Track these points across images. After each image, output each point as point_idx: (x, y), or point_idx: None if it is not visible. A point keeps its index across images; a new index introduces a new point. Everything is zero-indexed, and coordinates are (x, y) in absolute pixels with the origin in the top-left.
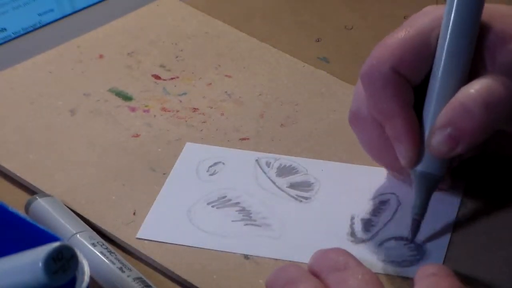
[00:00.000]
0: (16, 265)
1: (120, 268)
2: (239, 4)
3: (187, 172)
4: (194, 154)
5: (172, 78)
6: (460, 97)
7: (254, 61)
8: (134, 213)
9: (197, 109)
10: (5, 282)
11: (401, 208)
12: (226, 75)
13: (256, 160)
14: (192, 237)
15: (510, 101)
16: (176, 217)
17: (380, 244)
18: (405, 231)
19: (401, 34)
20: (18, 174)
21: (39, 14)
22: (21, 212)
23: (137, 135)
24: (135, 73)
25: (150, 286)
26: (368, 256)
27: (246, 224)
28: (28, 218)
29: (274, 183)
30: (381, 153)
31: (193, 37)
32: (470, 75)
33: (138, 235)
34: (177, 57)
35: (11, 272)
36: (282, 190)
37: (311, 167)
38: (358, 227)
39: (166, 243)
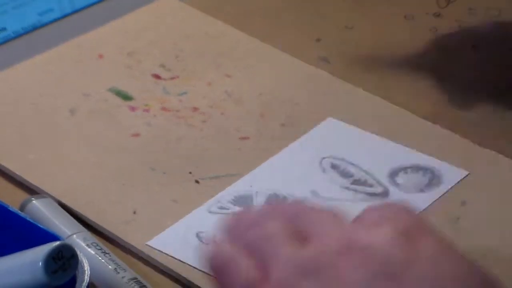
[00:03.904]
0: (16, 265)
1: (115, 269)
2: (239, 4)
3: None
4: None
5: (172, 78)
6: None
7: (254, 61)
8: (134, 213)
9: (197, 108)
10: (5, 282)
11: None
12: (226, 75)
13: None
14: None
15: None
16: None
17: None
18: None
19: None
20: (18, 174)
21: (39, 14)
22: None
23: (137, 135)
24: (135, 73)
25: (145, 286)
26: None
27: None
28: (28, 218)
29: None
30: None
31: (193, 37)
32: None
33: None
34: (177, 57)
35: (11, 272)
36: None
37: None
38: None
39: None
